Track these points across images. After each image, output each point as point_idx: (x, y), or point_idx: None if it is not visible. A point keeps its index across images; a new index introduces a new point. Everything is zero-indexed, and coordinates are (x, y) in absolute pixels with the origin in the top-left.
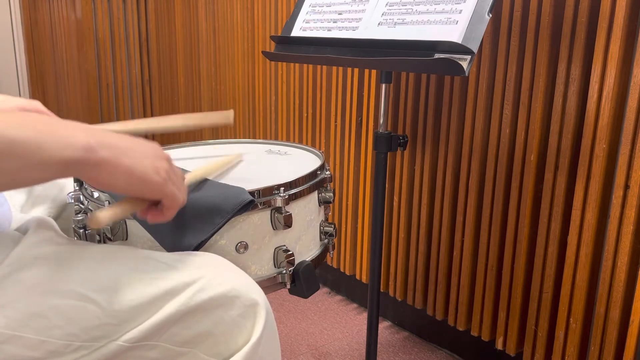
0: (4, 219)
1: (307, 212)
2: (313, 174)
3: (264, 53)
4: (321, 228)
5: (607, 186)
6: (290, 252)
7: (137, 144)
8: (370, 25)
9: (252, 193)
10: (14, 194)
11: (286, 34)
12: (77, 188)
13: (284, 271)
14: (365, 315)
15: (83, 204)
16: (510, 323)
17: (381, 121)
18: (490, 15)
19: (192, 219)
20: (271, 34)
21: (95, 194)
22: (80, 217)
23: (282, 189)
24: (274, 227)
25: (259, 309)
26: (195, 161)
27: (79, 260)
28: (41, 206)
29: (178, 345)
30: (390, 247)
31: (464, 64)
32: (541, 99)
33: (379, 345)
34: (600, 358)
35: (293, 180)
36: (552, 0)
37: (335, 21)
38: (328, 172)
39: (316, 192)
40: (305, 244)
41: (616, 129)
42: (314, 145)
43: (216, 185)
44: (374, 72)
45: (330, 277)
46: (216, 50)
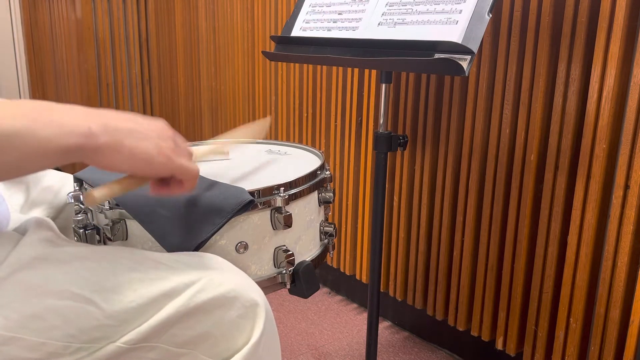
0: (2, 219)
1: (307, 212)
2: (313, 174)
3: (264, 53)
4: (321, 228)
5: (607, 186)
6: (290, 252)
7: (141, 124)
8: (370, 25)
9: (252, 193)
10: (12, 195)
11: (286, 34)
12: (77, 188)
13: (284, 271)
14: (365, 315)
15: (83, 204)
16: (510, 323)
17: (381, 121)
18: (490, 15)
19: (192, 219)
20: (271, 34)
21: None
22: (80, 217)
23: (282, 189)
24: (274, 227)
25: (258, 310)
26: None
27: (78, 261)
28: (39, 207)
29: (178, 346)
30: (390, 247)
31: (464, 64)
32: (541, 99)
33: (379, 345)
34: (600, 358)
35: (293, 180)
36: (552, 0)
37: (335, 21)
38: (328, 172)
39: (316, 192)
40: (305, 244)
41: (616, 129)
42: (314, 145)
43: (216, 185)
44: (374, 72)
45: (330, 277)
46: (216, 50)
